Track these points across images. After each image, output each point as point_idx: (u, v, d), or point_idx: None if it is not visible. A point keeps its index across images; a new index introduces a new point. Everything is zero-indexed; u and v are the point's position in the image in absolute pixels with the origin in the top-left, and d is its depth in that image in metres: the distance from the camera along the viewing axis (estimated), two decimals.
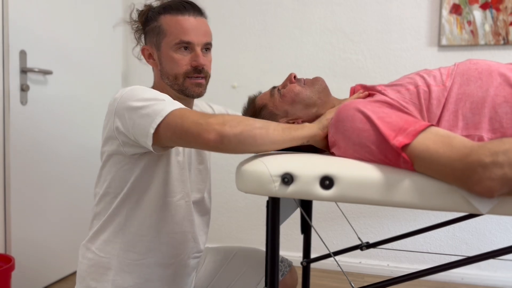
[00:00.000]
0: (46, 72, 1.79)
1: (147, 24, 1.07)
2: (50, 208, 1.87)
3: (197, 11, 1.04)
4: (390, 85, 0.85)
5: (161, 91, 0.96)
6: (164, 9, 1.03)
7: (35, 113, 1.77)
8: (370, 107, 0.74)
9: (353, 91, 0.98)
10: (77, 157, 2.02)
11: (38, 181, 1.80)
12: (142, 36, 1.11)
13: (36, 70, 1.72)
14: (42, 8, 1.77)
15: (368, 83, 2.15)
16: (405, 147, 0.65)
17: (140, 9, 1.09)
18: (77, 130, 2.02)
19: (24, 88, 1.69)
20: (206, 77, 1.06)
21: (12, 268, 1.47)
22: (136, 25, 1.10)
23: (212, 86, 2.17)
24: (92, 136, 2.12)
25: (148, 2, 1.09)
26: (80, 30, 2.00)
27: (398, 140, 0.65)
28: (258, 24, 2.28)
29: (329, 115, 0.87)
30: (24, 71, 1.69)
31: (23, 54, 1.69)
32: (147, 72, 2.43)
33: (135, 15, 1.09)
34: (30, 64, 1.72)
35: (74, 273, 2.03)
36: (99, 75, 2.17)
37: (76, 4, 1.97)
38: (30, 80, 1.73)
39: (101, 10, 2.15)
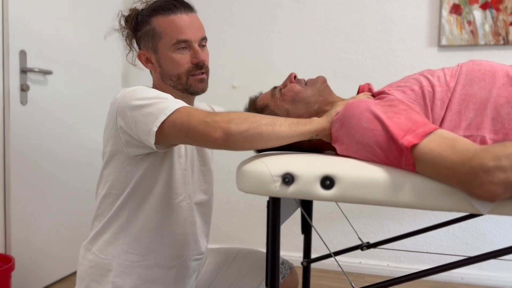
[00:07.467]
0: (46, 72, 1.79)
1: (138, 29, 1.06)
2: (50, 208, 1.87)
3: (187, 7, 1.03)
4: (395, 86, 0.85)
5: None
6: (154, 11, 1.01)
7: (35, 113, 1.77)
8: (380, 107, 0.73)
9: (362, 89, 0.98)
10: (77, 157, 2.02)
11: (38, 181, 1.79)
12: (134, 42, 1.10)
13: (36, 70, 1.72)
14: (42, 8, 1.77)
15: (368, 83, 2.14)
16: (412, 147, 0.64)
17: (126, 14, 1.07)
18: (77, 130, 2.02)
19: (24, 88, 1.69)
20: (207, 72, 1.06)
21: (12, 268, 1.47)
22: (126, 31, 1.08)
23: (212, 86, 2.16)
24: (92, 137, 2.12)
25: (133, 6, 1.07)
26: (80, 30, 2.00)
27: (406, 140, 0.65)
28: (258, 24, 2.28)
29: (338, 108, 0.84)
30: (24, 71, 1.69)
31: (23, 54, 1.69)
32: (147, 72, 2.43)
33: (123, 22, 1.08)
34: (30, 64, 1.72)
35: (74, 274, 2.03)
36: (99, 75, 2.17)
37: (76, 4, 1.96)
38: (30, 80, 1.73)
39: (101, 10, 2.15)
